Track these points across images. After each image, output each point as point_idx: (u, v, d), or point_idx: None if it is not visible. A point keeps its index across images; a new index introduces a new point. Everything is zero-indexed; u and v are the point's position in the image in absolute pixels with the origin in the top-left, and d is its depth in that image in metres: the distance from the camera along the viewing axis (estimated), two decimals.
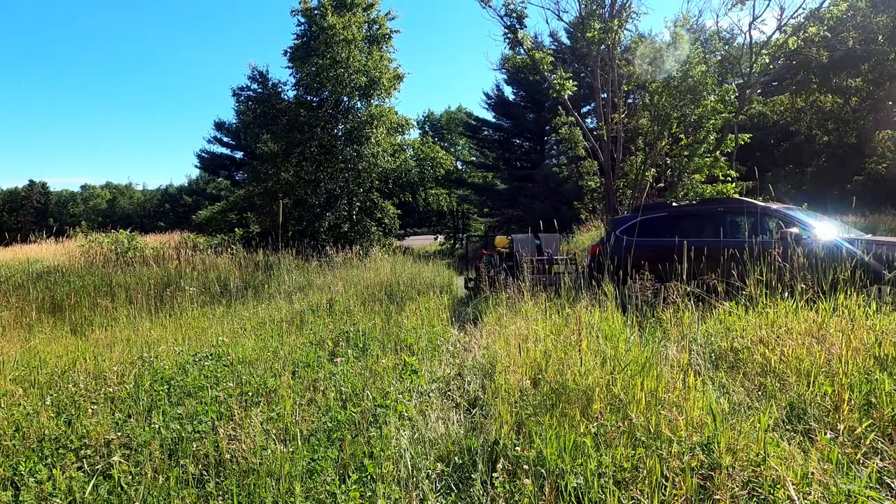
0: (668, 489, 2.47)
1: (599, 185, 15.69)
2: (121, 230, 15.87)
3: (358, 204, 17.84)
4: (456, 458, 2.97)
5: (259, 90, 17.75)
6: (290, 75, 18.26)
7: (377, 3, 17.98)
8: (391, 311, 6.72)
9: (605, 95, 14.76)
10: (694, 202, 8.52)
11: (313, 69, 16.54)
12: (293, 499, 2.61)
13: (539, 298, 5.85)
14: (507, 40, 14.01)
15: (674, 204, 7.98)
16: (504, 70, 26.71)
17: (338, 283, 8.74)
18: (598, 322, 4.65)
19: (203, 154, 34.68)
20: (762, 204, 6.93)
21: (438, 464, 2.93)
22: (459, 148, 42.04)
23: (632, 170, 13.51)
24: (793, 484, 2.31)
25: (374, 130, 17.26)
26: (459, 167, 35.03)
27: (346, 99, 17.38)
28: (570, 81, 13.77)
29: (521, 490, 2.53)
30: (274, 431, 3.28)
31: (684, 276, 5.05)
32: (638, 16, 15.00)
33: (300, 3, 17.05)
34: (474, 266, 10.66)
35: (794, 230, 6.20)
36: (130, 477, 2.85)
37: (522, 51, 14.27)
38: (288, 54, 17.54)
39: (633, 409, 3.15)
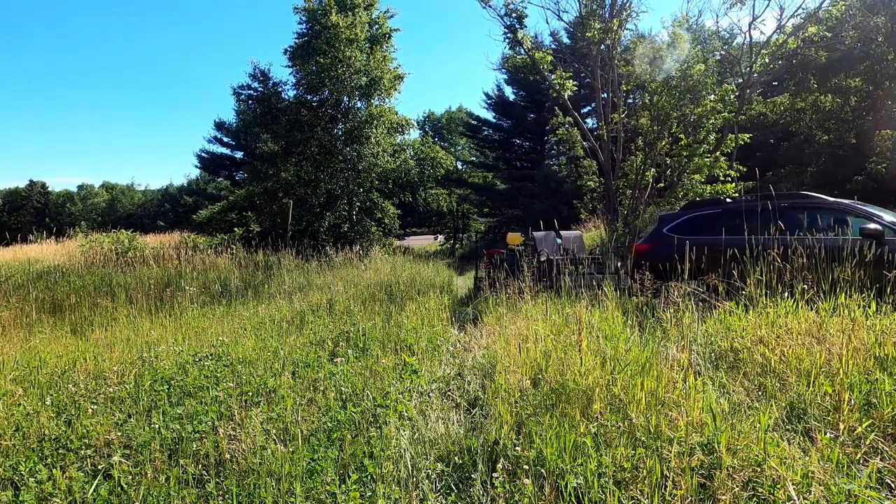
0: (668, 489, 2.47)
1: (599, 185, 15.70)
2: (121, 230, 15.88)
3: (358, 204, 17.85)
4: (456, 458, 2.97)
5: (260, 89, 17.76)
6: (290, 74, 18.30)
7: (376, 2, 18.01)
8: (391, 311, 6.72)
9: (605, 95, 14.78)
10: (751, 198, 7.84)
11: (314, 68, 16.55)
12: (293, 499, 2.61)
13: (539, 298, 5.84)
14: (507, 40, 14.04)
15: (728, 200, 7.43)
16: (504, 70, 26.64)
17: (338, 283, 8.74)
18: (598, 322, 4.65)
19: (203, 154, 34.75)
20: (832, 199, 6.51)
21: (438, 464, 2.93)
22: (460, 148, 42.08)
23: (632, 170, 13.51)
24: (793, 484, 2.31)
25: (374, 130, 17.28)
26: (459, 167, 35.06)
27: (346, 99, 17.39)
28: (570, 81, 13.79)
29: (521, 490, 2.53)
30: (274, 431, 3.28)
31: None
32: (637, 15, 15.02)
33: (304, 1, 17.08)
34: (484, 265, 10.04)
35: (873, 226, 5.73)
36: (130, 477, 2.84)
37: (522, 51, 14.29)
38: (288, 53, 17.57)
39: (633, 409, 3.15)
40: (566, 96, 13.80)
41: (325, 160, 17.35)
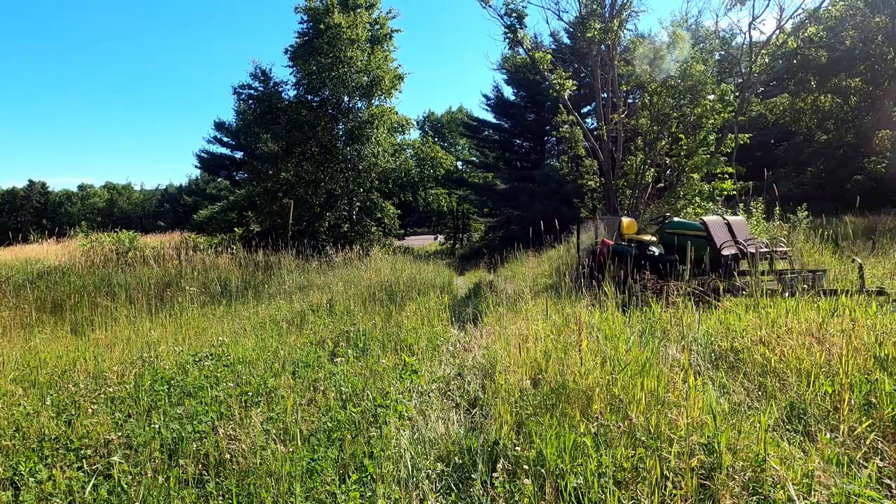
0: (668, 489, 2.47)
1: (599, 185, 15.71)
2: (122, 230, 15.88)
3: (358, 204, 17.85)
4: (456, 458, 2.97)
5: (261, 88, 17.76)
6: (290, 74, 18.31)
7: (378, 2, 18.02)
8: (391, 311, 6.71)
9: (605, 95, 14.78)
10: None
11: (315, 68, 16.54)
12: (293, 499, 2.61)
13: (539, 298, 5.84)
14: (507, 40, 14.03)
15: None
16: (504, 70, 26.72)
17: (338, 283, 8.74)
18: (598, 322, 4.65)
19: (203, 154, 34.72)
20: None
21: (438, 464, 2.93)
22: (460, 148, 42.04)
23: (631, 170, 13.52)
24: (793, 484, 2.31)
25: (375, 130, 17.27)
26: (460, 167, 35.01)
27: (346, 99, 17.39)
28: (570, 81, 13.79)
29: (521, 490, 2.53)
30: (274, 431, 3.28)
31: None
32: (637, 15, 15.02)
33: (305, 0, 17.09)
34: (595, 260, 7.92)
35: None
36: (130, 477, 2.84)
37: (522, 50, 14.29)
38: (289, 53, 17.56)
39: (633, 409, 3.15)
40: (566, 96, 13.80)
41: (325, 160, 17.34)
